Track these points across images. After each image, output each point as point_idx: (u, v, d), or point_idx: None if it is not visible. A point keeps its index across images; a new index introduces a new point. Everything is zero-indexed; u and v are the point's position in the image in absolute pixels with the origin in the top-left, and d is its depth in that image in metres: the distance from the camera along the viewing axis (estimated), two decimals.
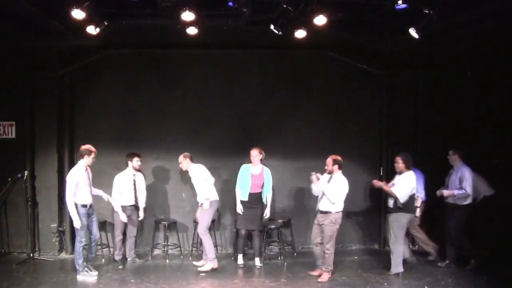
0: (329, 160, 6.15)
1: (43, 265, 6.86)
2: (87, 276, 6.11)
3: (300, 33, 6.24)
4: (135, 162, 6.68)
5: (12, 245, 7.28)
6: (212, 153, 7.40)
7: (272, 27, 6.19)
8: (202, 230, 6.48)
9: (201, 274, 6.44)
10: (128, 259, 6.84)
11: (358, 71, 7.60)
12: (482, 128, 7.62)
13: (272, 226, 7.06)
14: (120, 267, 6.60)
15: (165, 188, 7.49)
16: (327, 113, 7.66)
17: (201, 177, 6.54)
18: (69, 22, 5.78)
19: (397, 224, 6.21)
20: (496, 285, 6.00)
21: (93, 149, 6.18)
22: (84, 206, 6.11)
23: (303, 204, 7.62)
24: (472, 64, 7.48)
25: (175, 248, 7.36)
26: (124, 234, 6.85)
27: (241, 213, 6.55)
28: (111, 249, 7.19)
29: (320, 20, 5.66)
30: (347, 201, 6.23)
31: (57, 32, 6.42)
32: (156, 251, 7.41)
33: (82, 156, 6.14)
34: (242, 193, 6.58)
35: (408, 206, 6.18)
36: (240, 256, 6.76)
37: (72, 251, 6.72)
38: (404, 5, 5.36)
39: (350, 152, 7.39)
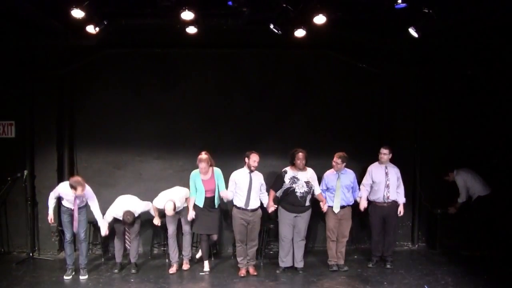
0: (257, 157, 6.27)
1: (43, 264, 6.88)
2: (67, 276, 6.20)
3: (300, 32, 6.23)
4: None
5: (11, 244, 7.29)
6: (212, 153, 7.36)
7: (271, 26, 6.18)
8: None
9: (200, 274, 6.45)
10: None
11: (358, 71, 7.59)
12: (482, 128, 7.63)
13: (272, 226, 7.04)
14: (115, 271, 6.48)
15: (164, 188, 7.45)
16: (327, 112, 7.65)
17: None
18: (69, 21, 5.76)
19: (309, 220, 6.46)
20: (496, 285, 6.00)
21: (79, 182, 5.84)
22: (65, 206, 6.14)
23: None
24: (472, 64, 7.48)
25: None
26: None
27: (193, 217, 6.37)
28: (111, 249, 7.18)
29: (320, 19, 5.65)
30: None
31: (56, 32, 6.41)
32: (156, 251, 7.41)
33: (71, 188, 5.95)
34: (197, 199, 6.38)
35: None
36: (206, 263, 6.55)
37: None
38: (403, 4, 5.34)
39: (349, 151, 7.37)
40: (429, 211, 7.72)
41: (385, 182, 6.57)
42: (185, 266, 6.61)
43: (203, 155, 6.28)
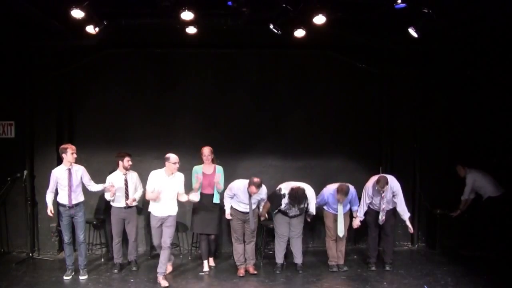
0: None
1: (43, 264, 6.87)
2: (66, 276, 6.20)
3: (300, 33, 6.23)
4: (126, 162, 6.52)
5: (11, 244, 7.30)
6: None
7: (271, 26, 6.17)
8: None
9: (200, 274, 6.44)
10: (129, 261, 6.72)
11: (357, 71, 7.60)
12: (482, 127, 7.63)
13: (271, 226, 7.03)
14: (115, 271, 6.48)
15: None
16: (327, 112, 7.66)
17: None
18: (69, 21, 5.77)
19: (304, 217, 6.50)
20: (496, 285, 5.99)
21: (67, 145, 6.14)
22: (63, 205, 6.09)
23: None
24: (472, 64, 7.48)
25: (174, 248, 7.33)
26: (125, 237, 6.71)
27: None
28: (111, 249, 7.16)
29: (320, 19, 5.66)
30: None
31: (56, 32, 6.40)
32: (156, 251, 7.40)
33: (61, 155, 6.14)
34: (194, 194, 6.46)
35: None
36: (205, 263, 6.57)
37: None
38: (403, 4, 5.35)
39: (349, 151, 7.40)
40: (429, 211, 7.72)
41: (381, 206, 6.40)
42: (163, 283, 5.93)
43: (206, 147, 6.46)
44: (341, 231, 6.43)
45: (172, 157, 6.01)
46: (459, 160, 7.39)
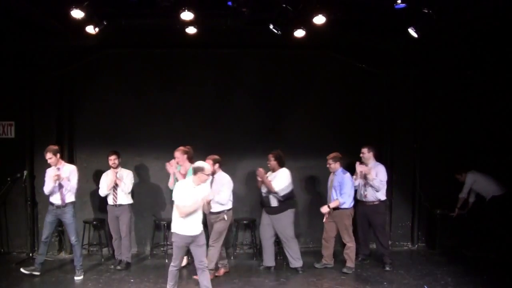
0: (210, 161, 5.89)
1: (43, 264, 6.85)
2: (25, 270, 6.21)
3: (299, 33, 6.23)
4: (109, 161, 6.54)
5: (11, 244, 7.31)
6: (212, 153, 7.37)
7: (271, 26, 6.17)
8: None
9: None
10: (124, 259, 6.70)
11: (358, 71, 7.60)
12: (481, 128, 7.63)
13: None
14: (111, 266, 6.53)
15: (164, 188, 7.48)
16: (327, 112, 7.66)
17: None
18: (68, 22, 5.77)
19: (289, 221, 6.33)
20: (496, 285, 5.99)
21: (47, 148, 6.08)
22: (51, 204, 6.11)
23: (304, 203, 7.61)
24: (472, 64, 7.48)
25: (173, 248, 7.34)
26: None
27: None
28: (110, 249, 7.19)
29: (319, 19, 5.67)
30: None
31: (56, 32, 6.42)
32: (156, 251, 7.41)
33: None
34: None
35: (291, 201, 6.38)
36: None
37: (71, 251, 6.71)
38: (403, 5, 5.36)
39: (349, 151, 7.36)
40: (428, 211, 7.72)
41: (363, 181, 6.58)
42: None
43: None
44: (325, 206, 6.34)
45: (207, 168, 5.10)
46: (457, 169, 7.36)
